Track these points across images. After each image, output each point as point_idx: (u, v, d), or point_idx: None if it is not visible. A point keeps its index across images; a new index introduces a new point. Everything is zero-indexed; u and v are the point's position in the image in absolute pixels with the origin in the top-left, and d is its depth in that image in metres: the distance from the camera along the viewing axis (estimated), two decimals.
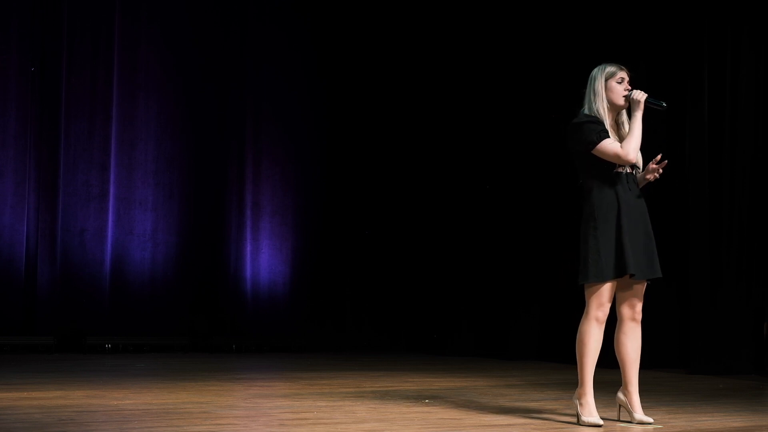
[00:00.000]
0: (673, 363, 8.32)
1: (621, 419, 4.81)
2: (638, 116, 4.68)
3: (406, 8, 10.88)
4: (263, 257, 10.46)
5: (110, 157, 9.75)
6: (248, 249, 10.37)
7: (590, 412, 4.63)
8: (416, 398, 5.76)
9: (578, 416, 4.67)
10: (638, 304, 4.75)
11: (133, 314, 9.70)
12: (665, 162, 4.72)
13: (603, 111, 4.70)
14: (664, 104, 4.75)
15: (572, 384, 5.08)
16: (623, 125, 4.77)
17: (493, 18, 10.11)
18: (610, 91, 4.71)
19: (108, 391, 5.82)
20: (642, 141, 4.67)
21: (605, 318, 4.63)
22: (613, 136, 4.67)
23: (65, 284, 9.45)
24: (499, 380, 7.24)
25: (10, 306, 9.25)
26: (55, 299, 9.38)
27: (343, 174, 10.91)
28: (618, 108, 4.75)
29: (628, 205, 4.64)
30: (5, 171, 9.34)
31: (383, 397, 5.77)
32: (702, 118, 8.24)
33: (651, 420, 4.69)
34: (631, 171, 4.71)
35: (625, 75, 4.74)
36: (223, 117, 10.37)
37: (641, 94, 4.69)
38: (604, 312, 4.62)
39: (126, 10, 9.89)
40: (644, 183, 4.80)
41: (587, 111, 4.72)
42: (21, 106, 9.43)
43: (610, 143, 4.62)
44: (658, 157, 4.73)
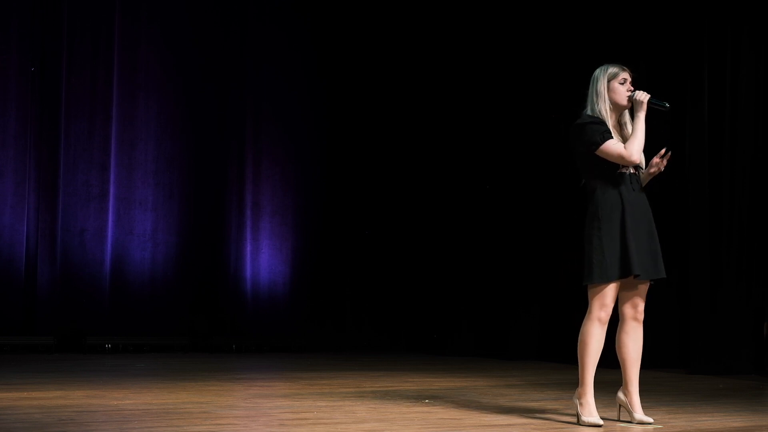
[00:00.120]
0: (673, 363, 8.32)
1: (621, 419, 4.80)
2: (641, 117, 4.68)
3: (406, 8, 10.88)
4: (263, 257, 10.46)
5: (110, 157, 9.75)
6: (248, 249, 10.37)
7: (590, 412, 4.63)
8: (416, 398, 5.76)
9: (578, 416, 4.67)
10: (641, 304, 4.74)
11: (133, 314, 9.70)
12: (669, 154, 4.72)
13: (606, 112, 4.69)
14: (667, 105, 4.75)
15: (572, 384, 5.08)
16: (626, 126, 4.77)
17: (494, 18, 10.11)
18: (613, 92, 4.71)
19: (108, 391, 5.81)
20: (645, 141, 4.67)
21: (608, 319, 4.63)
22: (616, 137, 4.67)
23: (65, 284, 9.45)
24: (499, 380, 7.23)
25: (10, 306, 9.25)
26: (55, 299, 9.38)
27: (343, 174, 10.91)
28: (621, 109, 4.75)
29: (632, 205, 4.64)
30: (5, 171, 9.34)
31: (383, 397, 5.77)
32: (702, 118, 8.24)
33: (651, 420, 4.69)
34: (635, 171, 4.71)
35: (628, 76, 4.74)
36: (223, 117, 10.37)
37: (644, 95, 4.69)
38: (607, 313, 4.62)
39: (126, 10, 9.89)
40: (649, 178, 4.80)
41: (590, 112, 4.71)
42: (21, 106, 9.43)
43: (614, 144, 4.62)
44: (662, 151, 4.73)
